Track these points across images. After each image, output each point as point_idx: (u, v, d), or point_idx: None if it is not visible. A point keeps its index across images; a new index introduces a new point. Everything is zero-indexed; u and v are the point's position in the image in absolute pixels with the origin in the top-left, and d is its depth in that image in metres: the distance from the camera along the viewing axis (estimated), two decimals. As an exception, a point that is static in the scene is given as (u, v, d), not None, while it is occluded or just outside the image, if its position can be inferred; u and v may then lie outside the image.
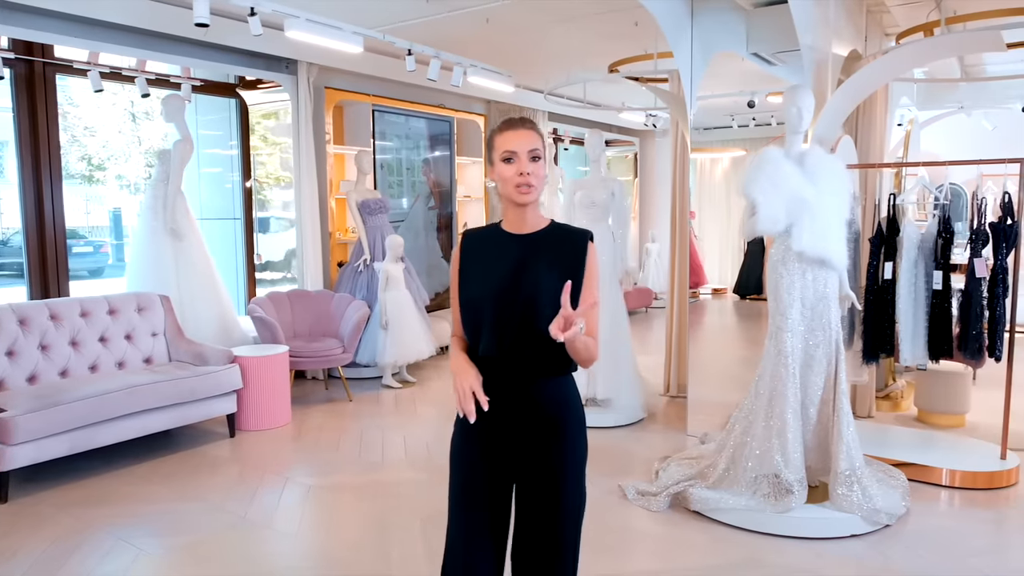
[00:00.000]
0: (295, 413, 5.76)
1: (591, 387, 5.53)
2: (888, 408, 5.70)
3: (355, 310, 6.25)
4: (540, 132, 2.07)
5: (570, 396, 2.09)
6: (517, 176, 1.98)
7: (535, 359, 2.01)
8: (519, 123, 2.03)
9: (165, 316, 5.41)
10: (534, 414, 2.03)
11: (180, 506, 4.02)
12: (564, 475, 2.05)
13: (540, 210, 2.11)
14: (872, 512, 3.57)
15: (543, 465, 2.04)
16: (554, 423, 2.04)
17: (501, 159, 2.01)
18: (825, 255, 3.63)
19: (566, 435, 2.05)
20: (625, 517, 3.85)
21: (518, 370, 2.02)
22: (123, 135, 12.60)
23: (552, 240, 2.05)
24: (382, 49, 6.74)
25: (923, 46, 4.65)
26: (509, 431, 2.05)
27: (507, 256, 2.05)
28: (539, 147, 2.01)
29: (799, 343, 3.71)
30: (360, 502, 4.07)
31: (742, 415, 3.90)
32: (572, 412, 2.08)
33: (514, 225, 2.08)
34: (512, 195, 2.01)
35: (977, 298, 4.29)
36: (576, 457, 2.08)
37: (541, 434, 2.03)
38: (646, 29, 6.10)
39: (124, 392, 4.53)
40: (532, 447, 2.04)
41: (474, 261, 2.11)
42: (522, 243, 2.05)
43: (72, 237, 13.25)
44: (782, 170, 3.63)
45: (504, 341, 1.99)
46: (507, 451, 2.06)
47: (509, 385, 2.04)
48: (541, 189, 2.03)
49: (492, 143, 2.04)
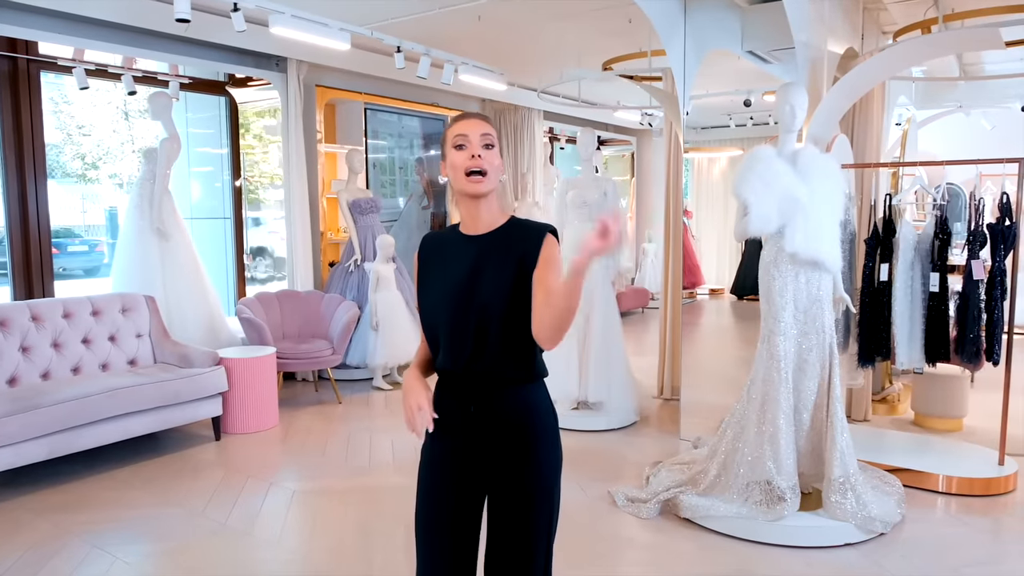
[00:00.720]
0: (283, 415, 5.67)
1: (582, 390, 5.45)
2: (884, 412, 5.62)
3: (345, 311, 6.17)
4: (494, 128, 1.97)
5: (538, 404, 1.97)
6: (468, 160, 1.88)
7: (496, 368, 1.90)
8: (472, 114, 1.96)
9: (150, 317, 5.32)
10: (500, 426, 1.93)
11: (160, 512, 3.93)
12: (535, 488, 1.94)
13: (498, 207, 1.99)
14: (867, 520, 3.48)
15: (513, 479, 1.93)
16: (522, 434, 1.93)
17: (452, 146, 1.91)
18: (818, 256, 3.54)
19: (536, 446, 1.94)
20: (614, 524, 3.76)
21: (479, 381, 1.93)
22: (117, 133, 12.51)
23: (508, 238, 1.93)
24: (374, 47, 6.65)
25: (921, 43, 4.57)
26: (476, 446, 1.95)
27: (462, 260, 1.94)
28: (492, 135, 1.91)
29: (792, 347, 3.63)
30: (344, 508, 3.98)
31: (734, 420, 3.82)
32: (541, 421, 1.96)
33: (469, 224, 1.97)
34: (463, 185, 1.89)
35: (975, 300, 4.21)
36: (548, 469, 1.96)
37: (509, 447, 1.93)
38: (640, 26, 6.02)
39: (105, 395, 4.44)
40: (501, 461, 1.94)
41: (432, 267, 2.02)
42: (477, 244, 1.94)
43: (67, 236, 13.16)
44: (774, 169, 3.55)
45: (462, 351, 1.89)
46: (475, 467, 1.97)
47: (472, 397, 1.94)
48: (495, 180, 1.92)
49: (444, 137, 1.95)
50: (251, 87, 6.92)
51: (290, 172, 6.59)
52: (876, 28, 6.06)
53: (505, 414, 1.93)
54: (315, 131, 6.97)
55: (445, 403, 2.00)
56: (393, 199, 8.29)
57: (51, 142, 13.83)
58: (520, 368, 1.92)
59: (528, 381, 1.95)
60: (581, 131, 5.70)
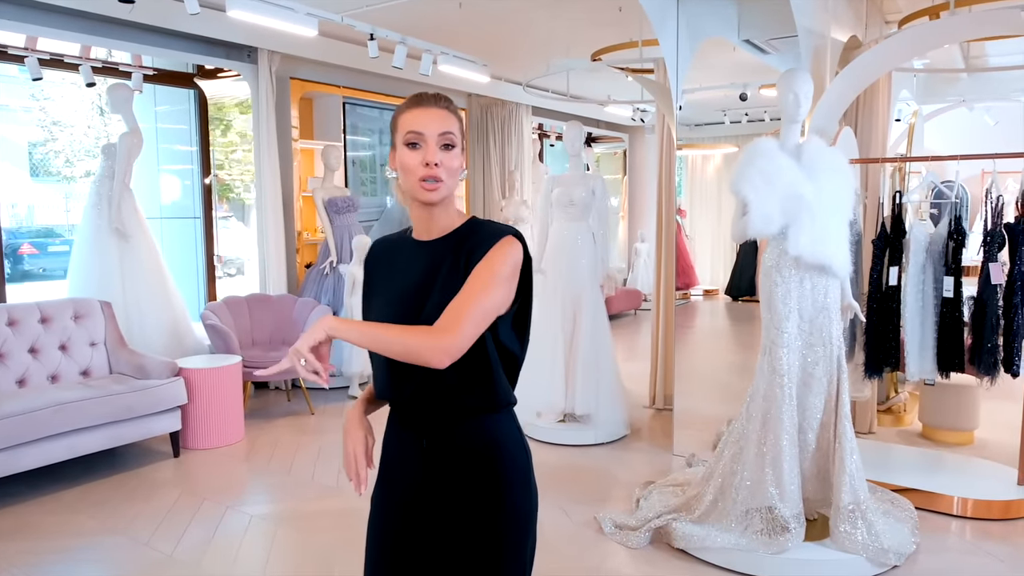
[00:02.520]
0: (250, 428, 5.31)
1: (569, 401, 5.10)
2: (890, 423, 5.29)
3: (318, 316, 5.81)
4: (459, 115, 1.62)
5: (504, 437, 1.63)
6: (422, 167, 1.54)
7: (451, 395, 1.57)
8: (431, 100, 1.59)
9: (106, 324, 4.95)
10: (460, 465, 1.60)
11: (104, 540, 3.58)
12: (504, 539, 1.62)
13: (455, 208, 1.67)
14: (879, 552, 3.15)
15: (477, 528, 1.60)
16: (487, 474, 1.60)
17: (404, 143, 1.56)
18: (825, 260, 3.20)
19: (504, 488, 1.61)
20: (601, 554, 3.42)
21: (433, 410, 1.60)
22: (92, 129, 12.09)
23: (461, 243, 1.59)
24: (351, 37, 6.29)
25: (934, 28, 4.25)
26: (432, 488, 1.62)
27: (411, 269, 1.62)
28: (453, 131, 1.57)
29: (796, 360, 3.28)
30: (305, 535, 3.63)
31: (732, 439, 3.47)
32: (509, 457, 1.63)
33: (421, 229, 1.64)
34: (415, 191, 1.56)
35: (992, 307, 3.87)
36: (519, 515, 1.63)
37: (471, 489, 1.60)
38: (631, 15, 5.68)
39: (50, 410, 4.08)
40: (462, 506, 1.60)
41: (377, 277, 1.69)
42: (429, 251, 1.62)
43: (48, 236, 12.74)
44: (776, 163, 3.21)
45: (409, 376, 1.55)
46: (432, 513, 1.63)
47: (424, 430, 1.62)
48: (453, 186, 1.59)
49: (395, 123, 1.60)
50: (222, 79, 6.55)
51: (262, 169, 6.23)
52: (879, 16, 5.75)
53: (465, 450, 1.60)
54: (290, 126, 6.61)
55: (396, 437, 1.68)
56: (375, 197, 7.95)
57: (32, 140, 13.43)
58: (480, 395, 1.59)
59: (491, 410, 1.62)
60: (567, 125, 5.35)
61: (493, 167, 9.01)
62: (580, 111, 10.08)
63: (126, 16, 5.11)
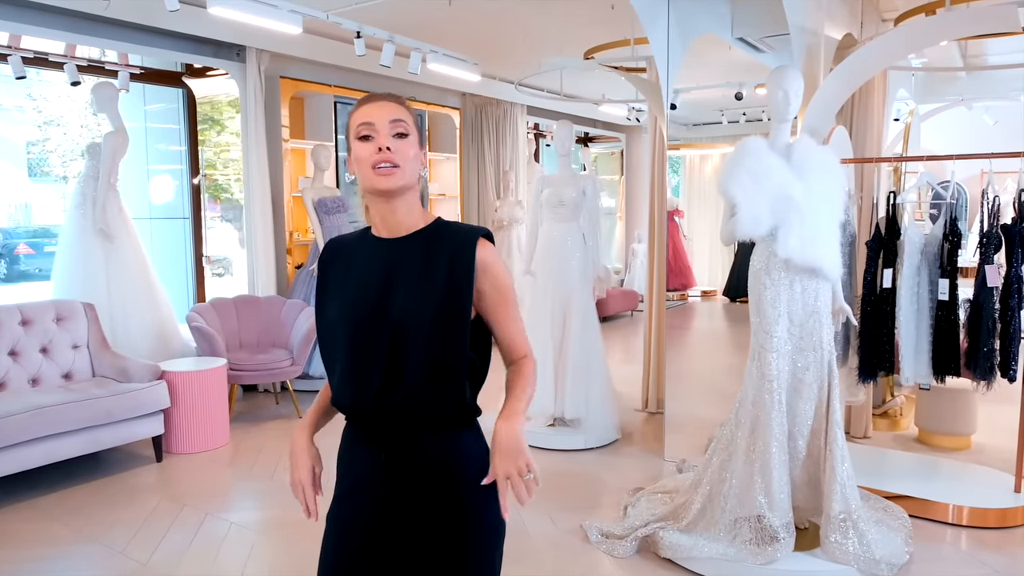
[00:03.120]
0: (236, 432, 5.23)
1: (558, 405, 5.01)
2: (886, 427, 5.20)
3: (306, 318, 5.72)
4: (412, 110, 1.57)
5: (470, 452, 1.57)
6: (375, 154, 1.49)
7: (413, 405, 1.50)
8: (380, 96, 1.56)
9: (89, 326, 4.87)
10: (421, 480, 1.53)
11: (78, 549, 3.49)
12: (470, 558, 1.55)
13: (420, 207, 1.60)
14: (871, 563, 3.06)
15: (442, 547, 1.53)
16: (451, 491, 1.53)
17: (356, 137, 1.51)
18: (816, 263, 3.12)
19: (470, 505, 1.54)
20: (587, 564, 3.33)
21: (392, 422, 1.52)
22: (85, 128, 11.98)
23: (432, 241, 1.54)
24: (341, 36, 6.21)
25: (929, 24, 4.17)
26: (391, 505, 1.55)
27: (371, 268, 1.55)
28: (405, 120, 1.52)
29: (786, 365, 3.20)
30: (283, 544, 3.55)
31: (720, 446, 3.39)
32: (475, 473, 1.54)
33: (383, 227, 1.57)
34: (371, 179, 1.50)
35: (989, 310, 3.78)
36: (486, 533, 1.57)
37: (435, 506, 1.53)
38: (624, 13, 5.59)
39: (27, 415, 3.99)
40: (425, 523, 1.53)
41: (332, 277, 1.61)
42: (390, 250, 1.55)
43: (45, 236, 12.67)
44: (765, 163, 3.12)
45: (367, 384, 1.49)
46: (391, 531, 1.55)
47: (383, 443, 1.54)
48: (411, 173, 1.53)
49: (348, 125, 1.56)
50: (210, 78, 6.47)
51: (250, 168, 6.15)
52: (875, 14, 5.66)
53: (427, 465, 1.53)
54: (279, 125, 6.53)
55: (351, 451, 1.61)
56: (366, 198, 7.87)
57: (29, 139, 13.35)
58: (444, 406, 1.52)
59: (458, 423, 1.55)
60: (557, 124, 5.27)
61: (488, 167, 8.92)
62: (575, 110, 10.00)
63: (112, 14, 5.04)
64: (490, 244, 1.56)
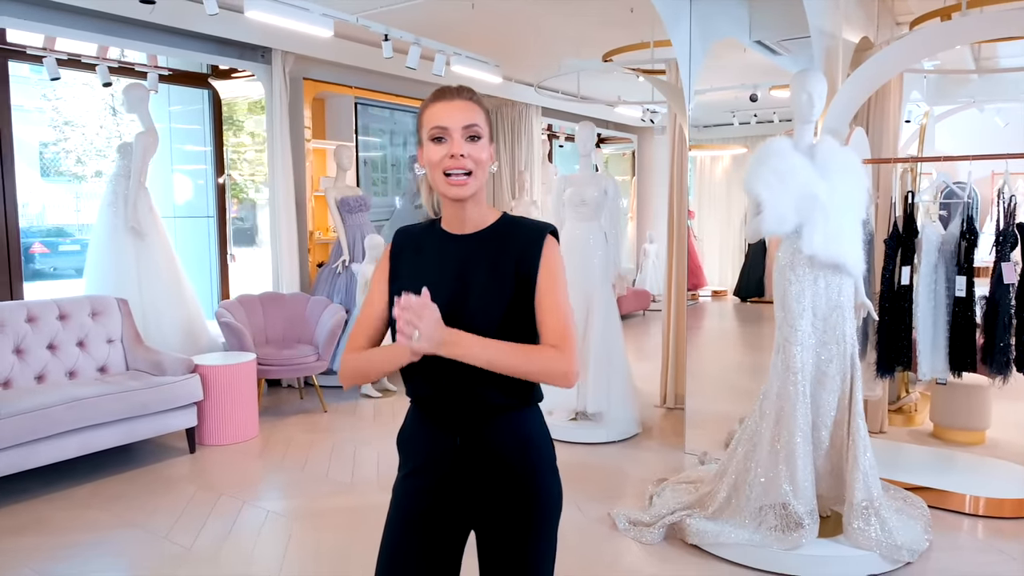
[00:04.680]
0: (264, 425, 5.35)
1: (580, 400, 5.12)
2: (901, 423, 5.30)
3: (331, 315, 5.85)
4: (484, 105, 1.62)
5: (534, 433, 1.67)
6: (448, 158, 1.55)
7: (486, 392, 1.59)
8: (454, 93, 1.59)
9: (122, 321, 5.00)
10: (491, 461, 1.62)
11: (120, 535, 3.61)
12: (537, 528, 1.65)
13: (487, 203, 1.69)
14: (892, 548, 3.16)
15: (510, 519, 1.63)
16: (519, 469, 1.63)
17: (429, 138, 1.58)
18: (840, 259, 3.22)
19: (535, 482, 1.64)
20: (615, 551, 3.44)
21: (466, 408, 1.61)
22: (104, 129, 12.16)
23: (500, 239, 1.62)
24: (364, 37, 6.34)
25: (944, 29, 4.26)
26: (461, 482, 1.64)
27: (446, 263, 1.63)
28: (479, 123, 1.57)
29: (810, 358, 3.30)
30: (321, 531, 3.66)
31: (745, 437, 3.50)
32: (539, 452, 1.66)
33: (454, 223, 1.65)
34: (442, 187, 1.58)
35: (1005, 306, 3.88)
36: (550, 506, 1.67)
37: (503, 483, 1.63)
38: (642, 16, 5.71)
39: (65, 407, 4.12)
40: (493, 499, 1.63)
41: (405, 267, 1.68)
42: (465, 245, 1.63)
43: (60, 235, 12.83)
44: (790, 163, 3.23)
45: (444, 372, 1.56)
46: (458, 505, 1.66)
47: (457, 427, 1.63)
48: (482, 180, 1.60)
49: (420, 119, 1.61)
50: (236, 79, 6.60)
51: (275, 169, 6.28)
52: (890, 18, 5.76)
53: (497, 446, 1.62)
54: (302, 126, 6.66)
55: (423, 432, 1.69)
56: (385, 197, 7.99)
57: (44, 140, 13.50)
58: (514, 392, 1.61)
59: (523, 407, 1.65)
60: (580, 125, 5.38)
61: (503, 168, 9.04)
62: (589, 112, 10.11)
63: (142, 16, 5.17)
64: (555, 240, 1.63)
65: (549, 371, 1.53)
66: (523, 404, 1.64)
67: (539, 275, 1.59)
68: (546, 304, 1.58)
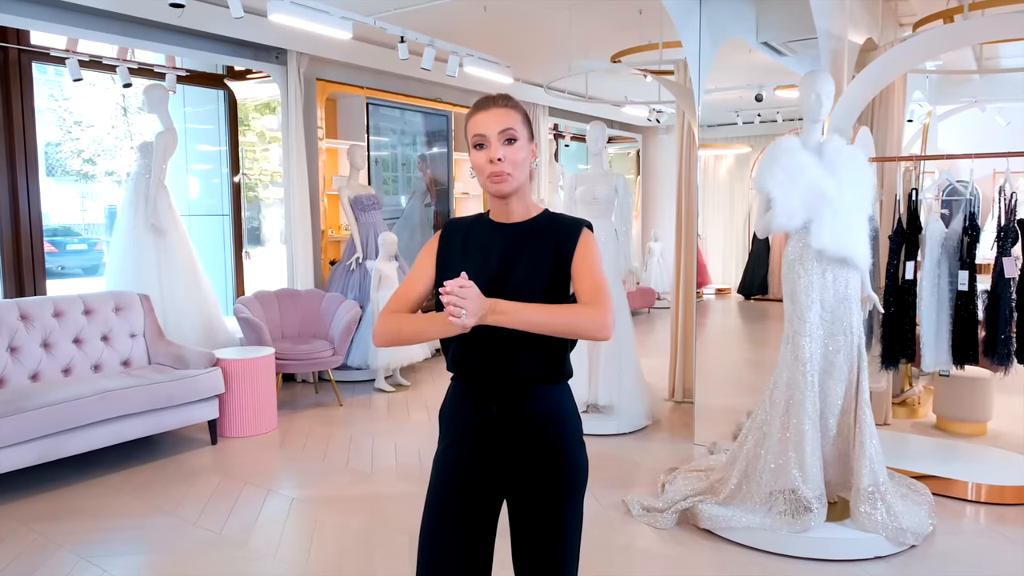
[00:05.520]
0: (282, 418, 5.49)
1: (592, 392, 5.25)
2: (905, 415, 5.43)
3: (346, 310, 5.98)
4: (519, 109, 1.80)
5: (564, 406, 1.83)
6: (488, 164, 1.74)
7: (524, 366, 1.75)
8: (491, 102, 1.78)
9: (145, 316, 5.14)
10: (525, 430, 1.78)
11: (152, 520, 3.75)
12: (567, 494, 1.80)
13: (531, 198, 1.85)
14: (898, 532, 3.29)
15: (543, 485, 1.78)
16: (550, 438, 1.78)
17: (472, 145, 1.77)
18: (847, 253, 3.35)
19: (566, 450, 1.80)
20: (630, 535, 3.57)
21: (504, 380, 1.77)
22: (115, 129, 12.30)
23: (543, 230, 1.80)
24: (376, 39, 6.47)
25: (946, 32, 4.38)
26: (496, 450, 1.80)
27: (492, 248, 1.80)
28: (514, 127, 1.75)
29: (818, 348, 3.43)
30: (344, 517, 3.79)
31: (755, 425, 3.62)
32: (569, 423, 1.82)
33: (499, 214, 1.84)
34: (487, 186, 1.77)
35: (1006, 300, 4.01)
36: (578, 473, 1.82)
37: (536, 451, 1.78)
38: (650, 18, 5.85)
39: (96, 398, 4.25)
40: (526, 466, 1.78)
41: (455, 251, 1.85)
42: (509, 233, 1.81)
43: (66, 234, 12.97)
44: (798, 161, 3.36)
45: (487, 345, 1.73)
46: (494, 472, 1.81)
47: (494, 398, 1.78)
48: (522, 177, 1.77)
49: (465, 128, 1.80)
50: (250, 80, 6.73)
51: (290, 168, 6.41)
52: (894, 20, 5.88)
53: (531, 417, 1.78)
54: (316, 126, 6.79)
55: (463, 404, 1.84)
56: (395, 196, 8.11)
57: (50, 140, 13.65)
58: (548, 367, 1.78)
59: (555, 381, 1.81)
60: (591, 125, 5.50)
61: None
62: (596, 112, 10.24)
63: (162, 18, 5.30)
64: (590, 234, 1.80)
65: (585, 324, 1.66)
66: (555, 378, 1.79)
67: (575, 254, 1.75)
68: (582, 270, 1.74)
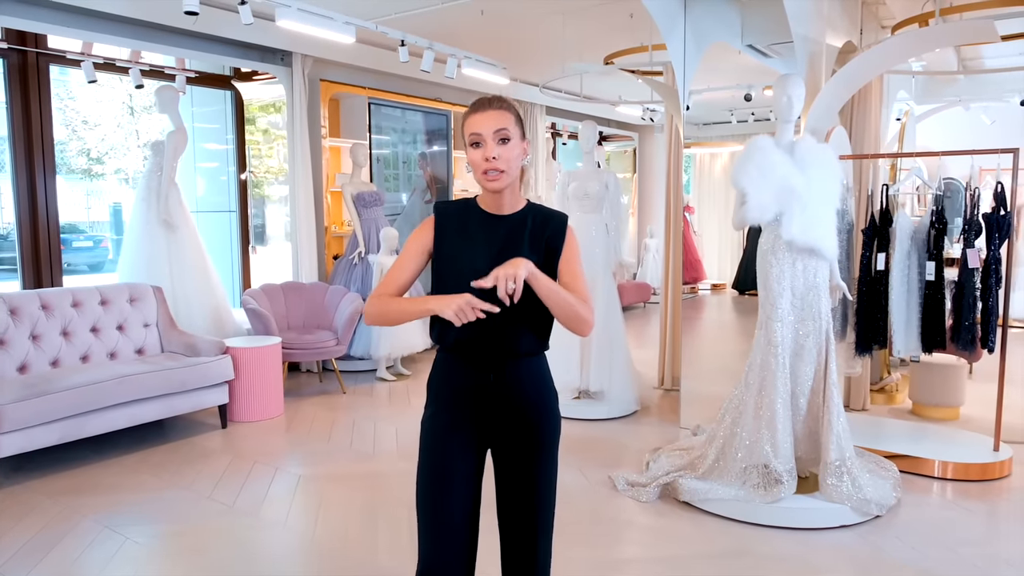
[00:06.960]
0: (288, 405, 5.75)
1: (584, 379, 5.51)
2: (883, 401, 5.68)
3: (349, 303, 6.24)
4: (512, 110, 2.00)
5: (545, 374, 2.11)
6: (484, 162, 1.94)
7: (518, 340, 2.00)
8: (486, 103, 1.98)
9: (157, 307, 5.40)
10: (515, 394, 2.03)
11: (168, 495, 4.01)
12: (546, 446, 2.07)
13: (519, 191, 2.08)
14: (862, 502, 3.55)
15: (524, 439, 2.05)
16: (535, 400, 2.05)
17: (469, 144, 1.97)
18: (815, 244, 3.60)
19: (546, 411, 2.07)
20: (615, 508, 3.83)
21: (500, 351, 2.01)
22: (122, 128, 12.55)
23: (532, 222, 2.03)
24: (378, 41, 6.72)
25: (916, 36, 4.63)
26: (488, 412, 2.04)
27: (492, 237, 2.02)
28: (507, 127, 1.94)
29: (789, 333, 3.69)
30: (349, 492, 4.06)
31: (732, 406, 3.88)
32: (548, 388, 2.10)
33: (491, 206, 2.04)
34: (482, 182, 1.97)
35: (970, 289, 4.27)
36: (554, 429, 2.10)
37: (523, 412, 2.04)
38: (642, 21, 6.08)
39: (114, 382, 4.52)
40: (513, 423, 2.04)
41: (452, 237, 2.06)
42: (505, 224, 2.03)
43: (72, 232, 13.18)
44: (771, 159, 3.60)
45: (488, 324, 1.94)
46: (484, 430, 2.06)
47: (491, 367, 2.03)
48: (514, 174, 1.99)
49: (462, 128, 2.01)
50: (256, 81, 6.99)
51: (295, 166, 6.66)
52: (875, 23, 6.12)
53: (521, 383, 2.04)
54: (320, 125, 7.04)
55: (457, 373, 2.06)
56: (396, 193, 8.36)
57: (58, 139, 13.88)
58: (536, 341, 2.05)
59: (539, 353, 2.08)
60: (583, 124, 5.76)
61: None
62: (592, 111, 10.49)
63: (173, 23, 5.56)
64: (571, 227, 2.09)
65: (581, 316, 1.94)
66: (540, 351, 2.07)
67: (563, 251, 2.03)
68: (571, 271, 2.03)
